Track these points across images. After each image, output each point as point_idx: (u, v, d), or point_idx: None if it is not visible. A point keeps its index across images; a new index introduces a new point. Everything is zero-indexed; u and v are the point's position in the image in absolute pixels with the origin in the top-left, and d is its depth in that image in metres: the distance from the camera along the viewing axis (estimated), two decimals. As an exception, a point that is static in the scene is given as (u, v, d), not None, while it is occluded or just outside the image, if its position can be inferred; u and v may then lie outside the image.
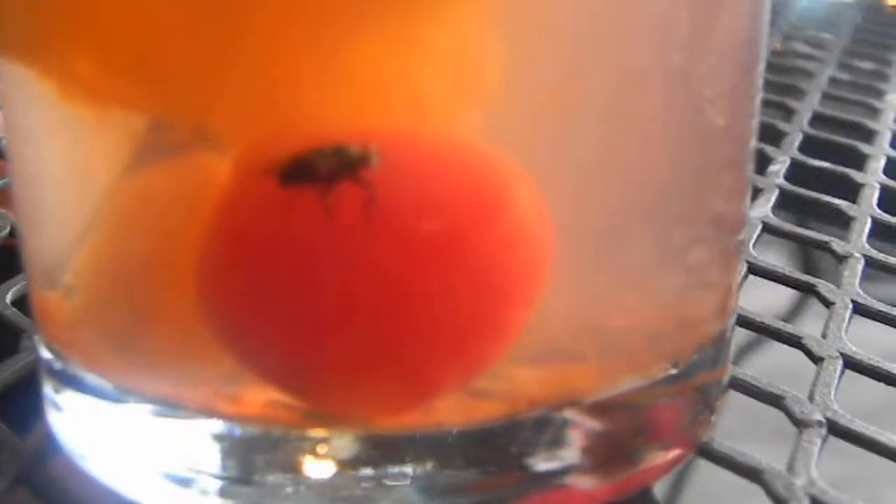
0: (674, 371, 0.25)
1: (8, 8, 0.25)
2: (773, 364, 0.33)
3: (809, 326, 0.34)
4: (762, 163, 0.47)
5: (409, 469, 0.23)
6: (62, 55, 0.24)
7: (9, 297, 0.35)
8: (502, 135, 0.22)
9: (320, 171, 0.21)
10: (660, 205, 0.24)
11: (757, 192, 0.44)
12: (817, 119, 0.54)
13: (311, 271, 0.22)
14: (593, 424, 0.24)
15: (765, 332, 0.34)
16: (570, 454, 0.24)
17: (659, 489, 0.26)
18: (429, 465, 0.23)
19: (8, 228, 0.40)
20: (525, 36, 0.22)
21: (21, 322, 0.33)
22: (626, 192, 0.24)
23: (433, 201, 0.22)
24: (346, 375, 0.23)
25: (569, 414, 0.24)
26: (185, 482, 0.24)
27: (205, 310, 0.23)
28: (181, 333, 0.24)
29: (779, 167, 0.47)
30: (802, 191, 0.45)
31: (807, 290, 0.37)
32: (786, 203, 0.44)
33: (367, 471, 0.23)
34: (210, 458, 0.24)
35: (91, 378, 0.25)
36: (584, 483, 0.24)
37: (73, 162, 0.25)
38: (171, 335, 0.24)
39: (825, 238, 0.40)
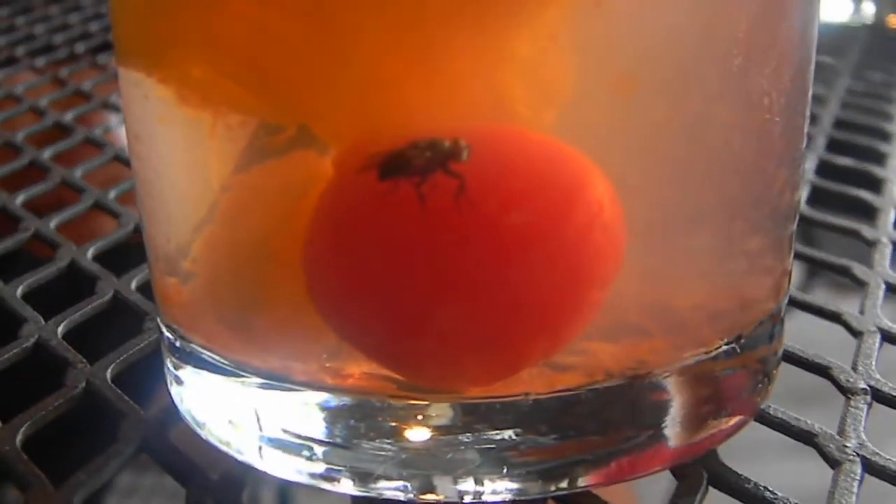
0: (735, 346, 0.24)
1: (129, 21, 0.24)
2: (817, 338, 0.31)
3: (847, 304, 0.32)
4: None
5: (498, 434, 0.22)
6: (179, 63, 0.23)
7: (133, 284, 0.34)
8: (576, 131, 0.21)
9: (415, 163, 0.20)
10: (722, 196, 0.23)
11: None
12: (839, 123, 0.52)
13: (408, 256, 0.21)
14: (664, 394, 0.23)
15: (809, 309, 0.32)
16: (643, 421, 0.23)
17: (722, 451, 0.25)
18: (516, 431, 0.22)
19: (132, 225, 0.40)
20: (595, 42, 0.21)
21: (145, 306, 0.33)
22: (691, 185, 0.23)
23: (518, 191, 0.21)
24: (441, 351, 0.22)
25: (641, 384, 0.23)
26: (293, 448, 0.24)
27: (311, 292, 0.22)
28: (289, 314, 0.23)
29: (808, 165, 0.46)
30: (831, 184, 0.43)
31: (843, 272, 0.35)
32: (817, 197, 0.42)
33: (461, 436, 0.22)
34: (316, 426, 0.23)
35: (208, 354, 0.25)
36: (655, 447, 0.23)
37: (189, 160, 0.24)
38: (280, 315, 0.23)
39: (856, 226, 0.39)
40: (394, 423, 0.22)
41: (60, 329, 0.32)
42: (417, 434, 0.22)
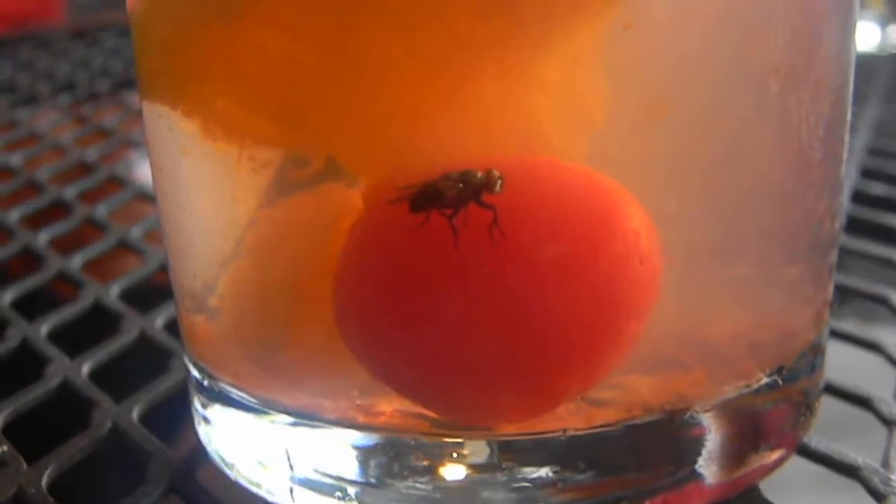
0: (777, 378, 0.23)
1: (153, 55, 0.24)
2: (856, 368, 0.31)
3: (878, 332, 0.32)
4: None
5: (534, 472, 0.22)
6: (203, 97, 0.23)
7: (159, 323, 0.34)
8: (609, 160, 0.21)
9: (447, 195, 0.20)
10: (761, 225, 0.23)
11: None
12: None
13: (440, 289, 0.21)
14: (703, 428, 0.23)
15: (845, 338, 0.32)
16: (682, 457, 0.23)
17: (764, 486, 0.24)
18: (553, 469, 0.22)
19: (157, 263, 0.39)
20: (625, 67, 0.21)
21: (171, 344, 0.32)
22: (728, 213, 0.22)
23: (553, 222, 0.20)
24: (475, 386, 0.21)
25: (680, 419, 0.22)
26: (325, 488, 0.23)
27: (340, 327, 0.22)
28: (318, 350, 0.23)
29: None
30: (865, 211, 0.43)
31: (880, 301, 0.34)
32: (850, 224, 0.41)
33: (497, 475, 0.22)
34: (348, 465, 0.22)
35: (236, 393, 0.24)
36: (694, 483, 0.23)
37: (215, 195, 0.24)
38: (309, 352, 0.23)
39: (890, 253, 0.38)
40: (427, 462, 0.22)
41: (86, 368, 0.31)
42: (452, 472, 0.22)
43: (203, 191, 0.24)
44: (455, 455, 0.22)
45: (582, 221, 0.21)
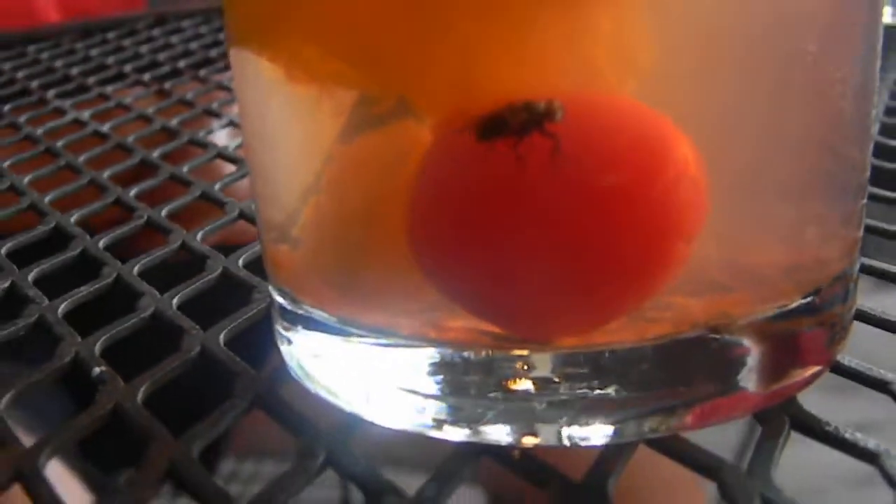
0: (814, 298, 0.23)
1: (240, 3, 0.24)
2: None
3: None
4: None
5: (593, 382, 0.21)
6: (287, 42, 0.23)
7: (240, 262, 0.34)
8: (660, 99, 0.21)
9: (512, 124, 0.19)
10: (800, 166, 0.23)
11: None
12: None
13: (506, 214, 0.21)
14: (745, 345, 0.22)
15: (883, 276, 0.31)
16: (726, 370, 0.22)
17: (801, 397, 0.24)
18: (609, 379, 0.21)
19: (237, 212, 0.40)
20: (675, 18, 0.21)
21: (251, 280, 0.32)
22: (770, 153, 0.22)
23: (610, 149, 0.20)
24: (537, 303, 0.22)
25: (724, 335, 0.22)
26: (399, 399, 0.23)
27: (413, 252, 0.22)
28: (393, 273, 0.23)
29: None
30: (886, 164, 0.42)
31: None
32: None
33: (560, 385, 0.22)
34: (421, 378, 0.23)
35: (317, 314, 0.24)
36: (738, 395, 0.23)
37: (296, 134, 0.24)
38: (385, 275, 0.23)
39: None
40: (496, 374, 0.22)
41: (175, 301, 0.31)
42: (518, 384, 0.22)
43: (286, 130, 0.24)
44: (521, 367, 0.22)
45: (636, 148, 0.21)
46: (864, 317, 0.28)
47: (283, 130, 0.24)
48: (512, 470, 0.22)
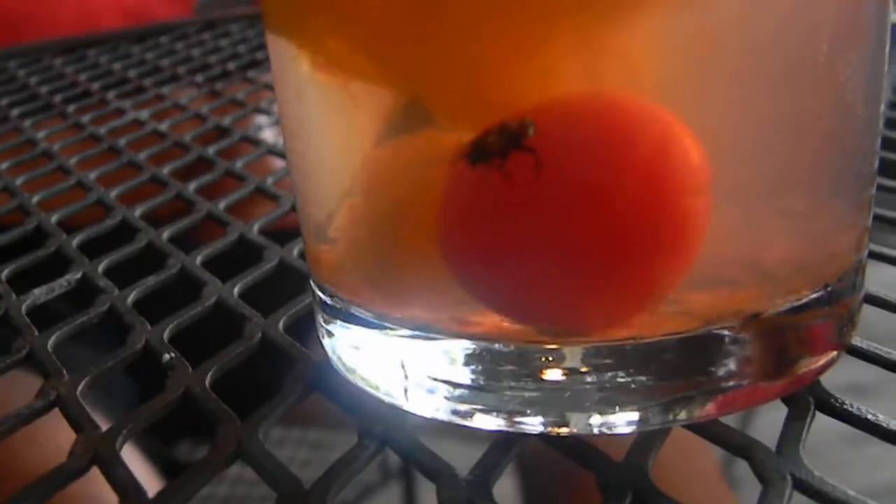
0: (823, 293, 0.22)
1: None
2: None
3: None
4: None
5: (620, 372, 0.21)
6: (314, 31, 0.22)
7: (295, 252, 0.34)
8: (668, 94, 0.20)
9: (493, 147, 0.19)
10: (811, 162, 0.22)
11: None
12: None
13: (514, 224, 0.20)
14: (759, 338, 0.22)
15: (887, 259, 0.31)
16: (741, 362, 0.22)
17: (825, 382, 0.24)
18: (634, 369, 0.21)
19: (289, 205, 0.40)
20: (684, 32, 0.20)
21: (306, 269, 0.32)
22: (781, 151, 0.21)
23: (590, 151, 0.20)
24: (560, 301, 0.21)
25: (739, 329, 0.22)
26: (433, 390, 0.23)
27: (443, 253, 0.22)
28: (425, 272, 0.22)
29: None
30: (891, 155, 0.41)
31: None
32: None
33: (588, 376, 0.21)
34: (456, 371, 0.22)
35: (355, 309, 0.24)
36: (757, 383, 0.22)
37: (334, 138, 0.23)
38: (418, 274, 0.23)
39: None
40: (528, 366, 0.21)
41: (236, 290, 0.32)
42: (550, 374, 0.21)
43: (323, 133, 0.23)
44: (551, 359, 0.21)
45: (646, 154, 0.20)
46: (874, 299, 0.27)
47: (319, 134, 0.23)
48: (557, 450, 0.22)
